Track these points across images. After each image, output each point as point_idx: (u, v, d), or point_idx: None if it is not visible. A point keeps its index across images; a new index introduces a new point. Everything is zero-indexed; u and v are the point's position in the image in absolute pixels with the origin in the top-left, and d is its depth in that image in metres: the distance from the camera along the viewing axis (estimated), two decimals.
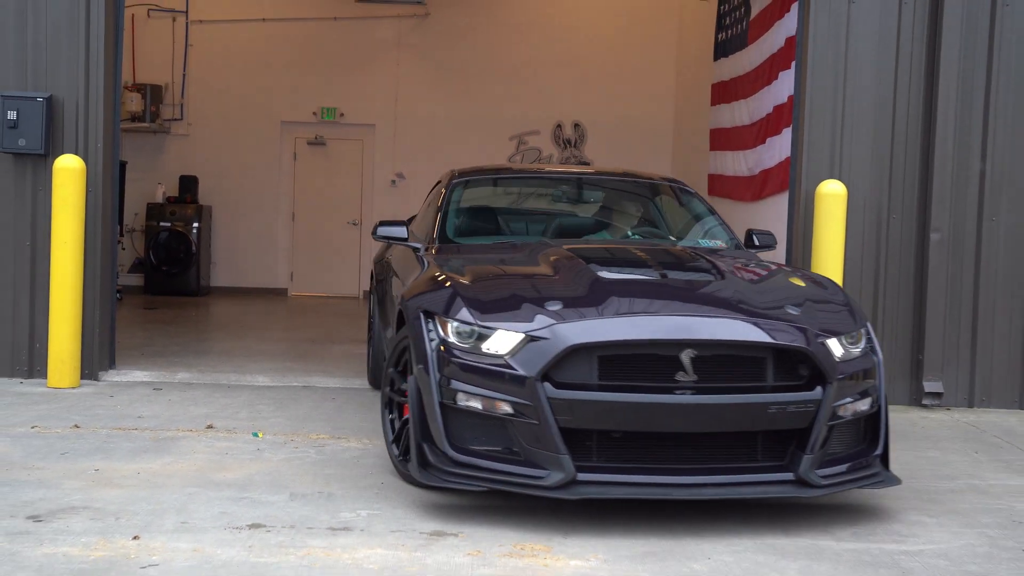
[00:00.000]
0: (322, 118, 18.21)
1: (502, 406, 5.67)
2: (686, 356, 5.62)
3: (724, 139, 14.02)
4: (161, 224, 17.31)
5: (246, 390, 9.20)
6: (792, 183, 9.69)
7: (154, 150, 17.86)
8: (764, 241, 8.04)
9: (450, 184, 8.47)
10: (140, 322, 13.63)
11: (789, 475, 5.76)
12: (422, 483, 5.86)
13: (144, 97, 17.34)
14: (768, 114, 11.81)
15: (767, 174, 11.88)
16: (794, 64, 9.94)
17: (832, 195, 9.01)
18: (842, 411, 5.90)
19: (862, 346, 6.16)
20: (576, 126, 18.40)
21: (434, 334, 5.95)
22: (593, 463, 5.68)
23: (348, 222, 18.34)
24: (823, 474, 5.80)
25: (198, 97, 17.90)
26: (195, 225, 17.39)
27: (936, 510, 6.20)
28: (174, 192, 17.71)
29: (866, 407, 6.07)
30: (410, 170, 18.11)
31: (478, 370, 5.74)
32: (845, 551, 5.40)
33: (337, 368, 10.38)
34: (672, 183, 9.07)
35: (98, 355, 9.28)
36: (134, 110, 17.11)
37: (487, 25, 18.02)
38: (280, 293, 18.16)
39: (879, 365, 6.21)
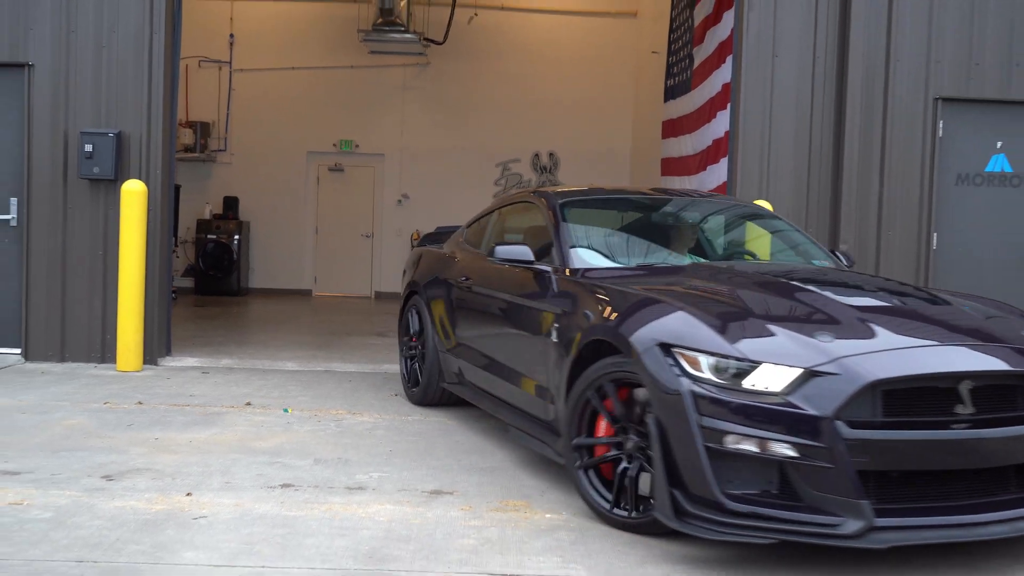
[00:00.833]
0: (341, 149, 18.20)
1: (781, 448, 4.33)
2: (964, 388, 4.45)
3: (673, 166, 14.02)
4: (208, 236, 17.31)
5: (278, 374, 9.21)
6: None
7: (203, 176, 17.85)
8: (850, 259, 6.98)
9: (557, 206, 6.56)
10: (191, 318, 13.61)
11: None
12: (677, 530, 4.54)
13: (195, 132, 17.37)
14: (708, 146, 11.83)
15: None
16: (729, 106, 9.97)
17: None
18: None
19: None
20: (551, 155, 18.41)
21: (678, 369, 4.54)
22: (888, 506, 4.36)
23: (362, 234, 18.34)
24: None
25: (239, 132, 17.89)
26: (236, 237, 17.39)
27: None
28: (219, 210, 17.72)
29: None
30: (413, 192, 18.16)
31: (748, 409, 4.37)
32: None
33: (353, 356, 10.38)
34: (756, 206, 7.70)
35: (157, 344, 9.29)
36: (187, 143, 17.15)
37: (478, 72, 18.04)
38: (306, 294, 18.14)
39: None
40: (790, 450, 4.31)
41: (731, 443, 4.37)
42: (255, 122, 17.83)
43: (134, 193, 8.90)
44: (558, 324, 5.61)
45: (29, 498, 5.14)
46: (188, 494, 5.28)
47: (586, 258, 6.14)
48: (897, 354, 4.53)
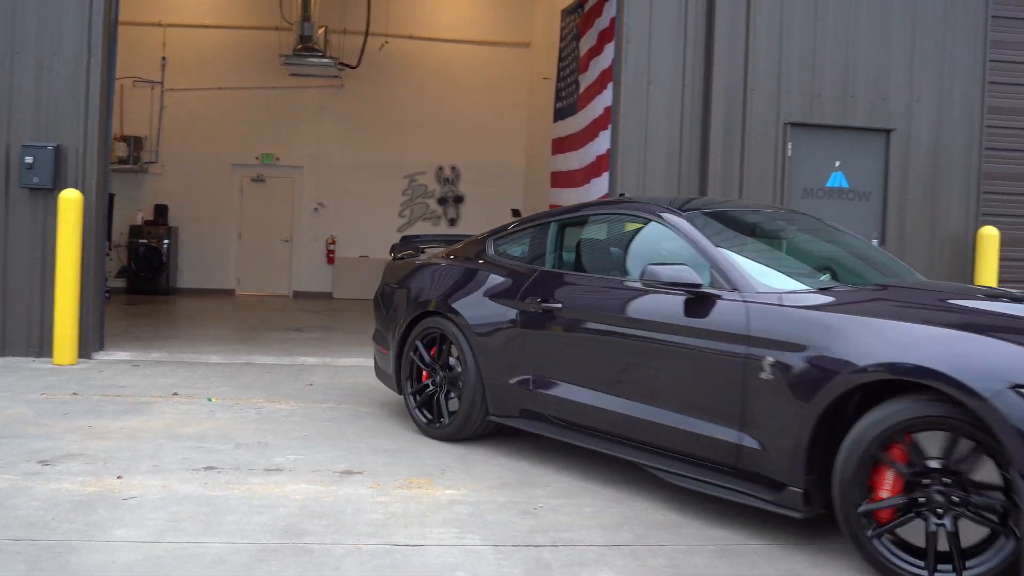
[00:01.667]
0: (263, 161, 17.93)
1: None
2: None
3: (561, 180, 14.11)
4: (140, 241, 16.92)
5: (203, 366, 9.07)
6: None
7: (135, 185, 17.44)
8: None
9: (686, 219, 5.26)
10: (123, 315, 13.32)
11: None
12: None
13: (129, 145, 16.97)
14: (592, 162, 11.93)
15: None
16: (610, 126, 10.10)
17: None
18: None
19: None
20: (453, 168, 18.39)
21: None
22: None
23: (282, 239, 18.10)
24: None
25: (169, 145, 17.51)
26: (166, 241, 17.05)
27: None
28: (150, 217, 17.34)
29: None
30: (329, 201, 18.03)
31: None
32: None
33: (272, 349, 10.25)
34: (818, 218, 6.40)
35: (91, 339, 9.08)
36: (121, 155, 16.75)
37: (388, 94, 17.94)
38: (229, 293, 17.84)
39: None
40: None
41: None
42: (184, 137, 17.48)
43: (71, 201, 8.70)
44: (775, 361, 4.39)
45: None
46: (119, 477, 5.20)
47: (770, 281, 4.77)
48: None
